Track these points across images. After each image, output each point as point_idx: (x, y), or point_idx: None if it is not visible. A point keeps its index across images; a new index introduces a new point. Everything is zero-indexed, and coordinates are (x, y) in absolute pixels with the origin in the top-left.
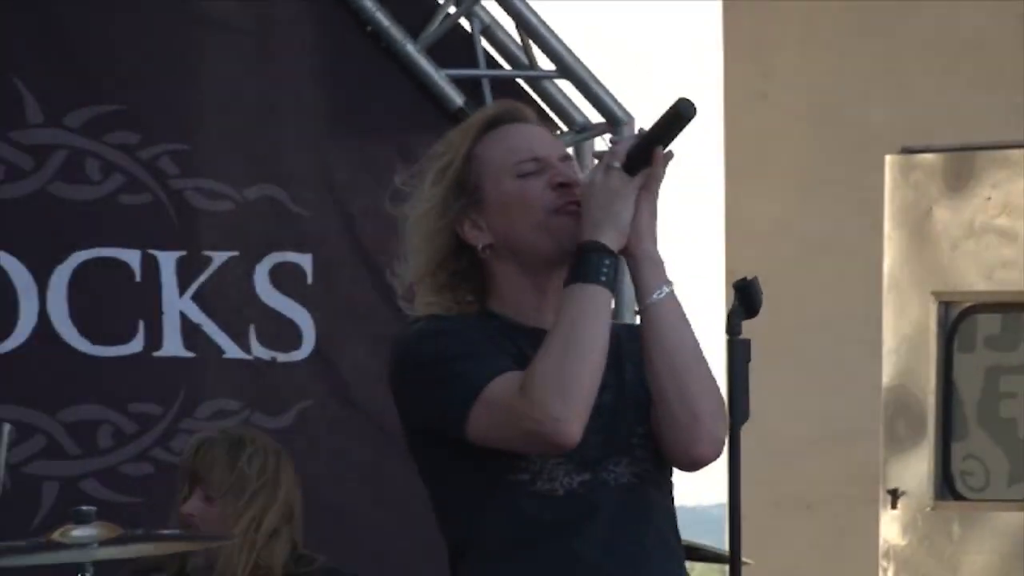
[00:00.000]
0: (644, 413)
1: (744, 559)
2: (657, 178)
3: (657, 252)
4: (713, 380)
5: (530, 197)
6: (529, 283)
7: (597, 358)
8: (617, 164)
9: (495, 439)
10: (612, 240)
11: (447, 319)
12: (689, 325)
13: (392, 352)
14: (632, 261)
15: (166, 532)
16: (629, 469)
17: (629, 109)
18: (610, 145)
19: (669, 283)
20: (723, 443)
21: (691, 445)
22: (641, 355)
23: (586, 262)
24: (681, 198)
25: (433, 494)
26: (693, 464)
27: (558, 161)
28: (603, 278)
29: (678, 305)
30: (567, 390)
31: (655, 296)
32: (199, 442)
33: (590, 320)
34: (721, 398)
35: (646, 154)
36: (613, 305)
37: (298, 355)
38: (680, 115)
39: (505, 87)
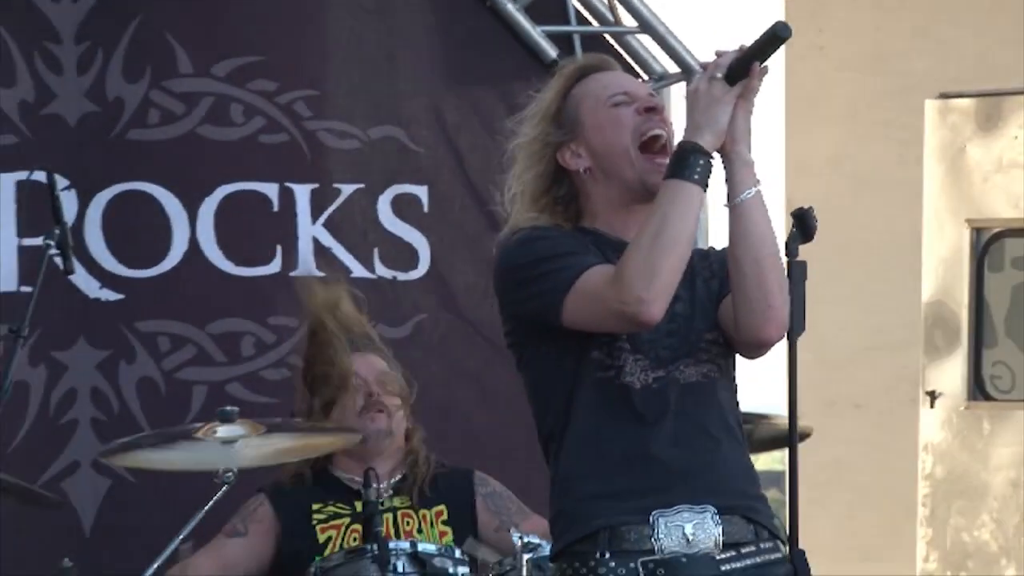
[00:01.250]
0: (712, 322)
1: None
2: (754, 89)
3: (750, 155)
4: (783, 272)
5: (622, 121)
6: (621, 203)
7: (683, 249)
8: (719, 75)
9: (587, 322)
10: (709, 142)
11: (546, 227)
12: (771, 222)
13: (497, 255)
14: (727, 161)
15: (299, 423)
16: (697, 369)
17: (702, 60)
18: (714, 58)
19: (758, 183)
20: (786, 327)
21: (762, 327)
22: (711, 269)
23: (683, 160)
24: None
25: (529, 386)
26: (761, 345)
27: (646, 95)
28: (696, 176)
29: (764, 204)
30: (653, 275)
31: (745, 195)
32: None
33: (680, 214)
34: (787, 289)
35: (745, 68)
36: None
37: (415, 274)
38: (777, 36)
39: (593, 42)
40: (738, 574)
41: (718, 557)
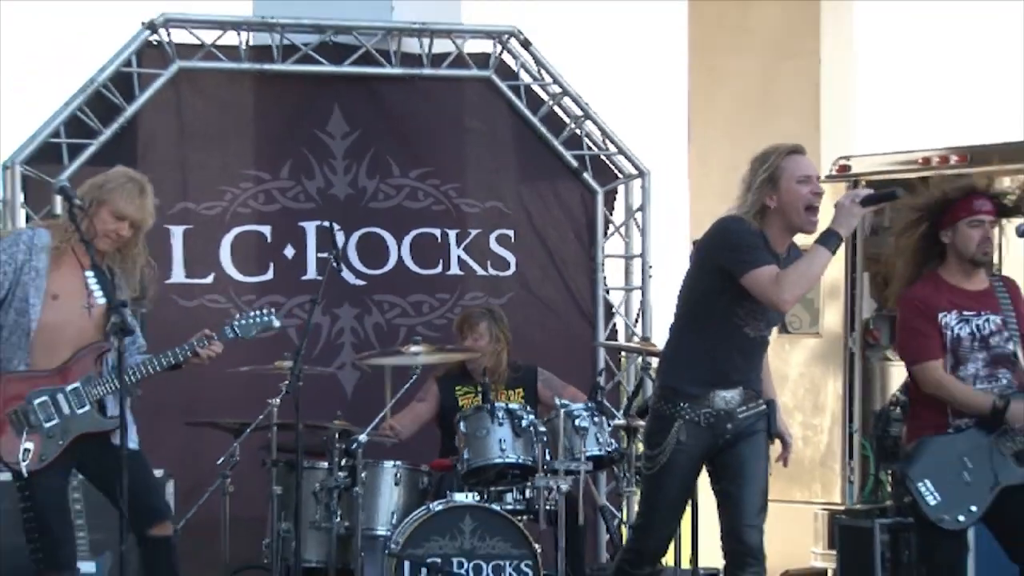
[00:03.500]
0: (779, 316)
1: None
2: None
3: None
4: None
5: (801, 195)
6: (783, 230)
7: (814, 282)
8: (858, 200)
9: (751, 291)
10: (843, 234)
11: (750, 226)
12: None
13: (721, 222)
14: None
15: (448, 347)
16: (771, 333)
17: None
18: (854, 189)
19: None
20: None
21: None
22: None
23: (829, 238)
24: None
25: (690, 288)
26: None
27: (815, 179)
28: (832, 248)
29: None
30: (795, 291)
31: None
32: (482, 315)
33: (819, 265)
34: None
35: (871, 204)
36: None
37: (508, 273)
38: (895, 196)
39: (595, 159)
40: (744, 418)
41: (738, 411)
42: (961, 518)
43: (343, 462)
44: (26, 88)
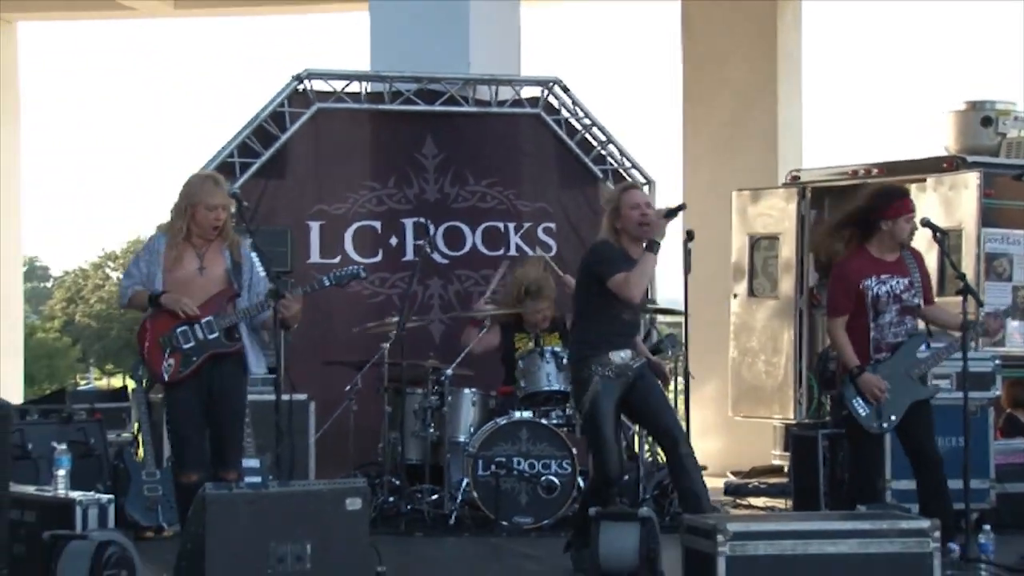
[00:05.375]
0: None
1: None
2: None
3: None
4: None
5: (634, 218)
6: (630, 241)
7: (649, 278)
8: (663, 216)
9: (613, 290)
10: (659, 240)
11: (612, 246)
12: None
13: (593, 246)
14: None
15: (506, 306)
16: (639, 316)
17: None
18: (660, 210)
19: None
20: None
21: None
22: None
23: (652, 245)
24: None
25: (580, 297)
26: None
27: (645, 205)
28: (656, 252)
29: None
30: (638, 288)
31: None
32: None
33: (650, 267)
34: None
35: (669, 217)
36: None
37: (551, 255)
38: (683, 207)
39: (615, 171)
40: (637, 367)
41: (631, 362)
42: (884, 425)
43: (435, 389)
44: (211, 122)
